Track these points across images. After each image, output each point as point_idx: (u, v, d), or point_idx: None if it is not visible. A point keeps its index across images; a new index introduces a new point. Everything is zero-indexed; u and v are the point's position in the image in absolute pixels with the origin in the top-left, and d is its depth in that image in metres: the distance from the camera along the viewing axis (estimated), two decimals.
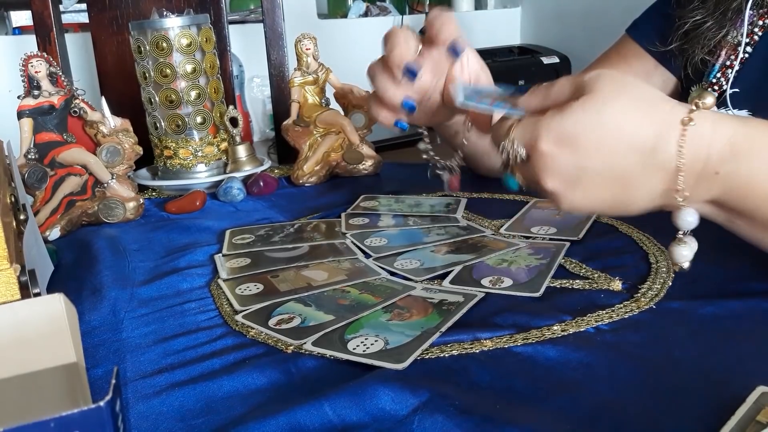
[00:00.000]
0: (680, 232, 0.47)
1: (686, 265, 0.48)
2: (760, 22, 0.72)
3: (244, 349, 0.48)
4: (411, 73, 0.57)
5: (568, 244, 0.62)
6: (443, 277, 0.57)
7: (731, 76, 0.74)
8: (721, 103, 0.74)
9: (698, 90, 0.77)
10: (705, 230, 0.57)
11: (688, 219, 0.46)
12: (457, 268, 0.58)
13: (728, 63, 0.74)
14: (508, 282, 0.55)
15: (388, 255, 0.63)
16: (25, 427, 0.25)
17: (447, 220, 0.72)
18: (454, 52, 0.58)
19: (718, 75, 0.75)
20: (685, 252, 0.48)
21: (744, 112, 0.72)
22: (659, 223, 0.56)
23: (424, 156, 0.66)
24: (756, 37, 0.72)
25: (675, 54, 0.79)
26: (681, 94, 0.81)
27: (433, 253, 0.63)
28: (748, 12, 0.71)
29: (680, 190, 0.44)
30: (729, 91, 0.74)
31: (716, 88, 0.75)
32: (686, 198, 0.45)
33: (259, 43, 1.33)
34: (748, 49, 0.73)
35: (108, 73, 1.30)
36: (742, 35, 0.73)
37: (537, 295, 0.52)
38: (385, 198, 0.82)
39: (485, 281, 0.55)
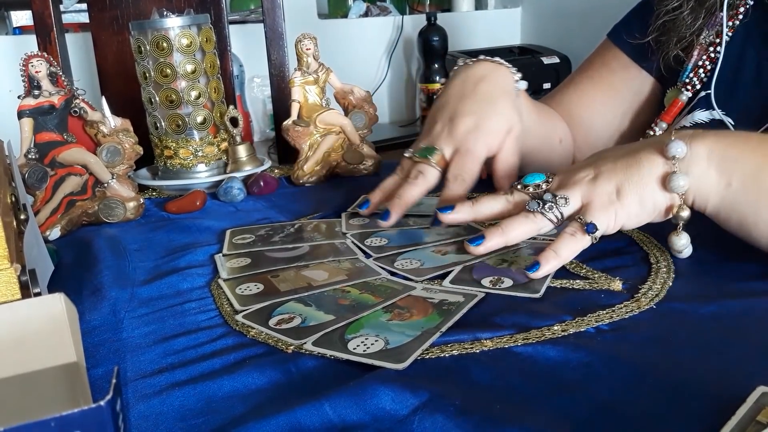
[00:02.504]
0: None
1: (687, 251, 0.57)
2: (730, 23, 0.73)
3: (245, 349, 0.48)
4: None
5: None
6: (443, 277, 0.57)
7: (703, 76, 0.75)
8: (696, 103, 0.76)
9: (673, 91, 0.79)
10: (705, 231, 0.56)
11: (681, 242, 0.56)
12: (458, 268, 0.58)
13: (700, 63, 0.76)
14: (508, 282, 0.55)
15: (388, 255, 0.63)
16: (25, 427, 0.25)
17: None
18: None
19: (691, 75, 0.76)
20: (683, 240, 0.56)
21: (717, 113, 0.74)
22: (659, 224, 0.56)
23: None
24: (726, 38, 0.73)
25: (653, 49, 0.81)
26: (659, 96, 0.83)
27: (434, 253, 0.63)
28: (722, 13, 0.73)
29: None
30: (702, 93, 0.75)
31: (689, 88, 0.77)
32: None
33: (259, 43, 1.33)
34: (719, 49, 0.74)
35: (108, 73, 1.30)
36: (712, 36, 0.75)
37: (537, 295, 0.52)
38: None
39: (485, 281, 0.55)
